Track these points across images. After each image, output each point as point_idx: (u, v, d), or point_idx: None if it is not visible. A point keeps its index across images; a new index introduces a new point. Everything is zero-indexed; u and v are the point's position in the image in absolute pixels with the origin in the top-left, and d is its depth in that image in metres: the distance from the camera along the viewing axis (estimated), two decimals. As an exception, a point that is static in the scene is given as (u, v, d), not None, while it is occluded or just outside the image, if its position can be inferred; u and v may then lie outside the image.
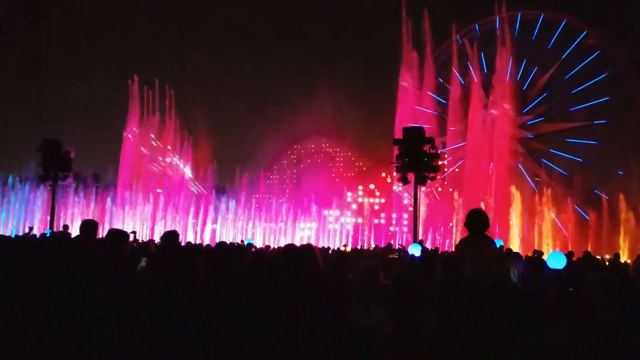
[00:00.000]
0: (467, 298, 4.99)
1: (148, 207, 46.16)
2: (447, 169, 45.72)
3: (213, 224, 48.72)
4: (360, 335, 4.17)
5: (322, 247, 19.21)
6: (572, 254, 14.52)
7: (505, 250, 13.19)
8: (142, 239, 29.01)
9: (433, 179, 21.92)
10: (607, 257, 21.88)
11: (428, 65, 43.54)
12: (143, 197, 46.24)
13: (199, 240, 38.68)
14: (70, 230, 15.08)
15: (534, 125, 46.95)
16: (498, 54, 40.68)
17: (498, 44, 41.44)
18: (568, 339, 4.70)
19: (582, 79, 44.86)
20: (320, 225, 50.77)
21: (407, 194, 40.16)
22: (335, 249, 19.53)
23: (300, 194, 54.88)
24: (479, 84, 41.65)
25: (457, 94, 43.75)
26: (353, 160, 75.50)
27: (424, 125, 26.75)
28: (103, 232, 8.92)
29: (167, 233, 6.83)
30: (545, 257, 14.98)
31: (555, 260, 8.96)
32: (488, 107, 41.13)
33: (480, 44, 44.78)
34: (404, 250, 16.06)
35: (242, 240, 27.60)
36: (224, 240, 22.39)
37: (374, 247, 24.54)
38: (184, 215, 46.76)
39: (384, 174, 56.63)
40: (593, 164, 43.73)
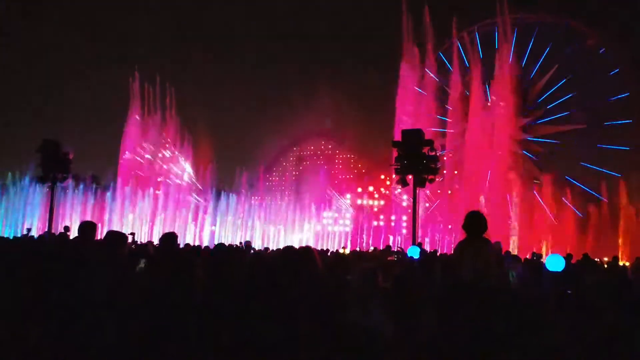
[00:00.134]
0: (465, 300, 4.99)
1: (147, 208, 46.12)
2: (445, 171, 45.71)
3: (212, 226, 48.69)
4: (360, 337, 4.16)
5: (321, 249, 19.19)
6: (570, 257, 14.54)
7: (504, 253, 13.18)
8: (140, 241, 28.97)
9: (432, 181, 21.90)
10: (605, 259, 21.89)
11: (429, 63, 43.33)
12: (142, 198, 46.21)
13: (198, 242, 38.69)
14: (71, 232, 15.04)
15: (533, 127, 47.04)
16: (497, 56, 40.70)
17: (498, 46, 41.54)
18: (567, 341, 4.70)
19: (581, 81, 44.98)
20: (320, 227, 50.79)
21: (406, 196, 40.20)
22: (334, 251, 19.52)
23: (300, 196, 54.90)
24: (479, 86, 41.67)
25: (456, 96, 43.76)
26: (352, 162, 75.61)
27: (427, 128, 26.77)
28: (102, 233, 8.91)
29: (165, 235, 6.85)
30: (544, 259, 15.01)
31: (554, 263, 8.94)
32: (488, 108, 41.15)
33: (480, 46, 44.90)
34: (403, 252, 16.04)
35: (240, 242, 27.56)
36: (223, 242, 22.38)
37: (373, 249, 24.52)
38: (183, 217, 46.73)
39: (383, 176, 56.69)
40: (592, 166, 43.84)
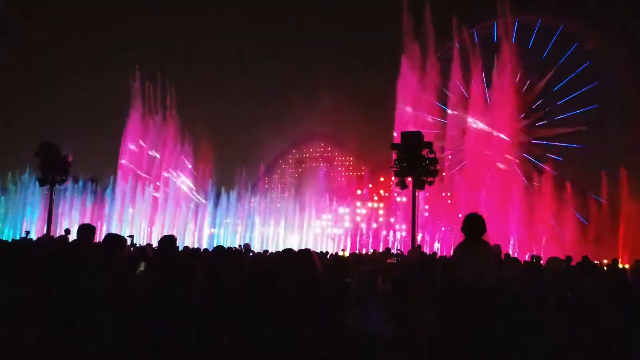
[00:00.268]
0: (465, 302, 4.98)
1: (146, 210, 46.03)
2: (445, 173, 45.70)
3: (211, 228, 48.64)
4: (359, 339, 4.15)
5: (320, 251, 19.17)
6: (570, 259, 14.52)
7: (504, 256, 13.17)
8: (139, 243, 28.92)
9: (431, 184, 21.90)
10: (605, 262, 21.89)
11: (430, 63, 43.18)
12: (141, 200, 46.10)
13: (197, 244, 38.63)
14: (71, 235, 14.97)
15: (533, 129, 47.13)
16: (497, 59, 40.77)
17: (497, 49, 41.61)
18: (566, 342, 4.70)
19: (580, 83, 45.11)
20: (319, 230, 50.76)
21: (405, 198, 40.17)
22: (334, 254, 19.49)
23: (299, 198, 54.85)
24: (479, 88, 41.73)
25: (455, 98, 43.82)
26: (352, 164, 75.66)
27: (427, 130, 26.73)
28: (101, 236, 8.90)
29: (164, 237, 6.83)
30: (543, 262, 14.99)
31: (553, 265, 8.92)
32: (487, 110, 41.20)
33: (478, 49, 44.91)
34: (403, 255, 16.01)
35: (239, 245, 27.52)
36: (222, 244, 22.33)
37: (372, 251, 24.47)
38: (182, 219, 46.64)
39: (383, 178, 56.74)
40: (591, 168, 43.90)
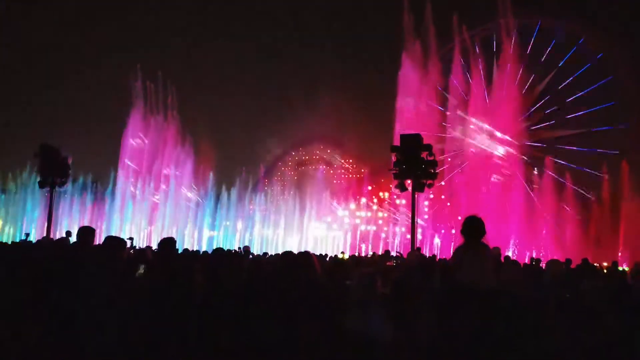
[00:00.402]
0: (464, 304, 4.98)
1: (146, 213, 45.95)
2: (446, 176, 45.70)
3: (211, 230, 48.58)
4: (359, 342, 4.15)
5: (319, 254, 19.16)
6: (570, 262, 14.53)
7: (504, 258, 13.17)
8: (139, 246, 28.89)
9: (431, 186, 21.95)
10: (605, 264, 21.90)
11: (432, 62, 43.05)
12: (141, 202, 45.98)
13: (197, 247, 38.60)
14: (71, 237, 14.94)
15: (532, 132, 47.08)
16: (496, 61, 40.83)
17: (497, 51, 41.67)
18: (566, 345, 4.70)
19: (580, 85, 45.12)
20: (318, 232, 50.70)
21: (404, 201, 40.14)
22: (333, 256, 19.47)
23: (299, 200, 54.79)
24: (479, 90, 41.77)
25: (455, 101, 43.82)
26: (352, 167, 75.69)
27: (428, 133, 26.74)
28: (100, 238, 8.89)
29: (164, 240, 6.82)
30: (543, 264, 15.00)
31: (553, 268, 8.92)
32: (487, 112, 41.24)
33: (478, 51, 44.97)
34: (402, 257, 16.01)
35: (239, 247, 27.52)
36: (221, 247, 22.31)
37: (372, 254, 24.46)
38: (182, 222, 46.53)
39: (383, 180, 56.73)
40: (590, 170, 43.89)
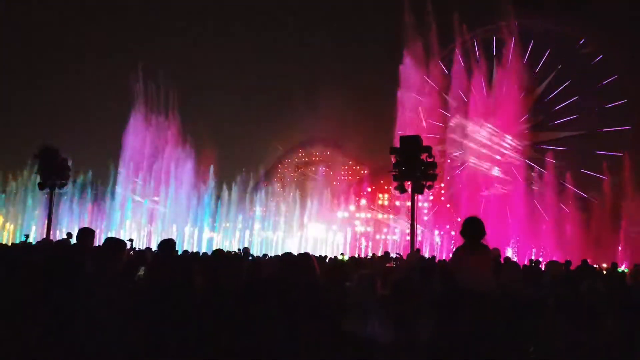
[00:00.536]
0: (464, 306, 4.98)
1: (146, 214, 45.92)
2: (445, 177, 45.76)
3: (211, 232, 48.55)
4: (358, 344, 4.15)
5: (319, 255, 19.15)
6: (569, 263, 14.55)
7: (504, 259, 13.18)
8: (138, 247, 28.90)
9: (430, 188, 21.93)
10: (604, 265, 21.92)
11: (433, 62, 43.00)
12: (141, 203, 45.94)
13: (196, 248, 38.58)
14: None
15: (532, 134, 47.13)
16: (497, 63, 40.88)
17: (496, 53, 41.72)
18: (566, 346, 4.70)
19: (579, 88, 45.17)
20: (318, 233, 50.70)
21: (406, 202, 40.14)
22: (332, 258, 19.46)
23: (299, 202, 54.78)
24: (479, 91, 41.82)
25: (455, 103, 43.91)
26: (352, 168, 75.65)
27: (427, 135, 26.73)
28: (100, 239, 8.90)
29: (164, 241, 6.82)
30: (543, 265, 15.00)
31: (553, 269, 8.93)
32: (487, 113, 41.28)
33: (477, 53, 45.09)
34: (402, 258, 16.02)
35: (239, 249, 27.52)
36: (221, 248, 22.31)
37: (372, 255, 24.47)
38: (182, 223, 46.47)
39: (382, 181, 56.78)
40: (590, 171, 43.94)
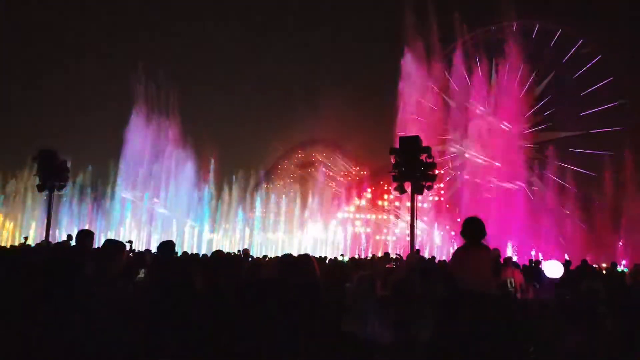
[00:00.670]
0: (464, 306, 4.97)
1: (146, 215, 45.83)
2: (445, 178, 45.81)
3: (211, 233, 48.53)
4: (358, 345, 4.15)
5: (319, 256, 19.14)
6: (569, 263, 14.55)
7: (504, 260, 13.17)
8: (137, 249, 28.85)
9: (430, 188, 21.89)
10: (604, 265, 21.92)
11: (435, 59, 42.85)
12: (141, 204, 45.85)
13: (196, 250, 38.53)
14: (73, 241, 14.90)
15: (530, 134, 47.16)
16: (496, 63, 40.93)
17: (495, 54, 41.77)
18: (566, 346, 4.70)
19: (577, 88, 45.27)
20: (318, 235, 50.67)
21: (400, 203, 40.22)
22: (332, 259, 19.44)
23: (299, 202, 54.75)
24: (479, 92, 41.88)
25: (454, 105, 43.97)
26: (351, 169, 75.62)
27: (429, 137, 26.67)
28: (100, 240, 8.88)
29: (163, 243, 6.81)
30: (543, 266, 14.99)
31: (552, 269, 8.95)
32: (487, 114, 41.34)
33: (476, 53, 45.15)
34: (402, 259, 16.01)
35: (239, 250, 27.51)
36: (221, 249, 22.28)
37: (371, 256, 24.45)
38: (181, 224, 46.42)
39: (382, 182, 56.80)
40: (589, 172, 43.96)
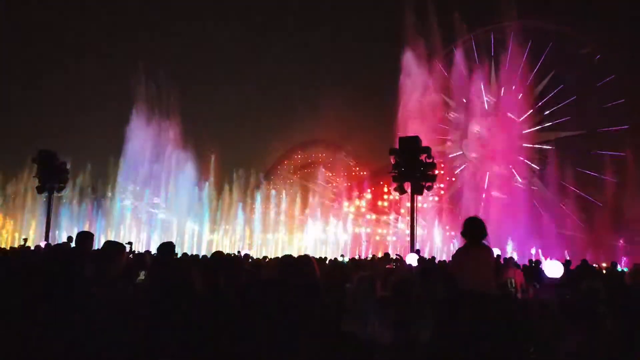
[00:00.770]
0: (464, 307, 4.96)
1: (146, 216, 45.73)
2: (445, 178, 45.87)
3: (210, 234, 48.50)
4: (357, 346, 4.14)
5: (319, 257, 19.13)
6: (569, 263, 14.55)
7: (504, 260, 13.17)
8: (137, 250, 28.83)
9: (430, 188, 21.93)
10: (604, 265, 21.94)
11: (434, 60, 42.85)
12: (141, 205, 45.71)
13: (196, 251, 38.52)
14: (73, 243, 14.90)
15: (531, 134, 47.21)
16: (495, 64, 41.01)
17: (494, 54, 41.87)
18: (566, 346, 4.68)
19: (577, 88, 45.28)
20: (318, 235, 50.65)
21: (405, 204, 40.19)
22: (332, 259, 19.43)
23: (299, 203, 54.75)
24: (479, 93, 41.94)
25: (454, 105, 44.04)
26: (351, 169, 75.59)
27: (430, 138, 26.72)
28: (100, 241, 8.87)
29: (163, 244, 6.80)
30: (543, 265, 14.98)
31: (553, 269, 8.93)
32: (487, 114, 41.40)
33: (476, 54, 45.26)
34: (402, 260, 16.00)
35: (238, 251, 27.52)
36: (221, 250, 22.25)
37: (372, 256, 24.45)
38: (181, 225, 46.32)
39: (381, 183, 56.82)
40: (589, 172, 43.99)
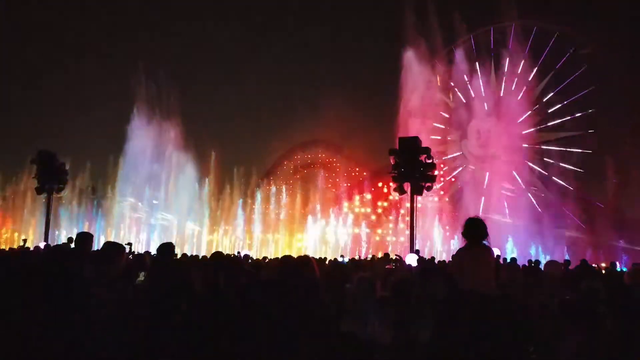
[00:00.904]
0: (464, 307, 4.96)
1: (145, 216, 45.70)
2: (446, 178, 45.90)
3: (210, 235, 48.46)
4: (357, 346, 4.14)
5: (318, 257, 19.13)
6: (569, 263, 14.57)
7: (503, 260, 13.19)
8: (137, 251, 28.81)
9: (429, 189, 21.93)
10: (603, 265, 21.97)
11: (434, 60, 42.77)
12: (141, 205, 45.69)
13: (196, 251, 38.49)
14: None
15: (531, 134, 47.25)
16: (495, 64, 41.06)
17: (494, 54, 41.92)
18: (566, 347, 4.68)
19: (576, 88, 45.34)
20: (317, 236, 50.62)
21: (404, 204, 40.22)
22: (332, 260, 19.42)
23: (299, 203, 54.69)
24: (479, 93, 41.98)
25: (455, 105, 44.07)
26: (350, 170, 75.53)
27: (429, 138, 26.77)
28: (100, 242, 8.87)
29: (163, 245, 6.82)
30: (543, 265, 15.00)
31: (552, 269, 8.93)
32: (487, 114, 41.44)
33: (476, 54, 45.33)
34: (401, 260, 16.00)
35: (238, 252, 27.50)
36: (220, 250, 22.24)
37: (371, 257, 24.45)
38: (181, 225, 46.27)
39: (381, 184, 56.79)
40: (588, 172, 44.04)
